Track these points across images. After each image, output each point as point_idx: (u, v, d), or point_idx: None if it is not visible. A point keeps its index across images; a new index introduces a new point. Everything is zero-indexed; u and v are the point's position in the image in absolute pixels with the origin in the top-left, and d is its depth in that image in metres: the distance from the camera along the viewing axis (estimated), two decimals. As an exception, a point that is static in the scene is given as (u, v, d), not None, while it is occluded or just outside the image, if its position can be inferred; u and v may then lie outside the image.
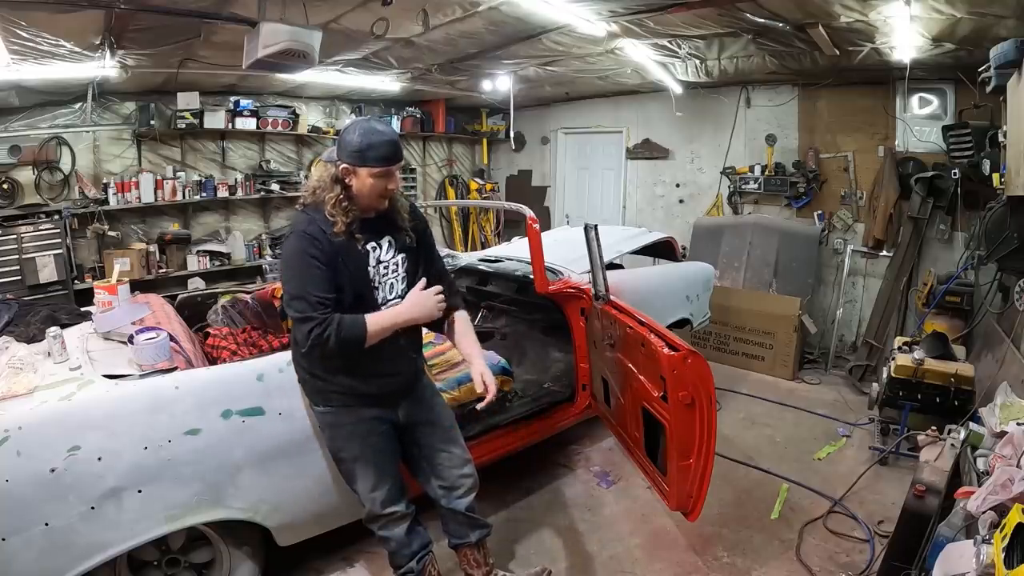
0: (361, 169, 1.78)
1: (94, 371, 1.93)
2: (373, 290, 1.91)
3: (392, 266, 1.95)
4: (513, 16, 3.56)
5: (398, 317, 1.86)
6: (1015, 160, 3.03)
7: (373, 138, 1.78)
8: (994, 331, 3.55)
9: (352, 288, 1.84)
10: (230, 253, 5.79)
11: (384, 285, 1.94)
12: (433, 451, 2.09)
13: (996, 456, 1.88)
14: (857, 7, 3.26)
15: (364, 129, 1.78)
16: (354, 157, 1.77)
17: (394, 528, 2.04)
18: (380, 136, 1.79)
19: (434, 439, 2.09)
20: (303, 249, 1.78)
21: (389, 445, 2.02)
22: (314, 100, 6.44)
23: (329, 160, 1.86)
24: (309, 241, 1.78)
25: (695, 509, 2.28)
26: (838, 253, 5.18)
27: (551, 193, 7.42)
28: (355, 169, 1.79)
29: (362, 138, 1.77)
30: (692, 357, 2.13)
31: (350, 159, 1.78)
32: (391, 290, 1.95)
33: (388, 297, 1.95)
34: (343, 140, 1.80)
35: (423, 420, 2.08)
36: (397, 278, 1.97)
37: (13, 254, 4.52)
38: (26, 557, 1.65)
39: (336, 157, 1.82)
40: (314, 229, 1.79)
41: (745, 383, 4.61)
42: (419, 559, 2.09)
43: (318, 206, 1.83)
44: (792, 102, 5.27)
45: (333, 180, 1.81)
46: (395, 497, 2.02)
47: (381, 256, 1.92)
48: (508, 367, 2.99)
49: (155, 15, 3.26)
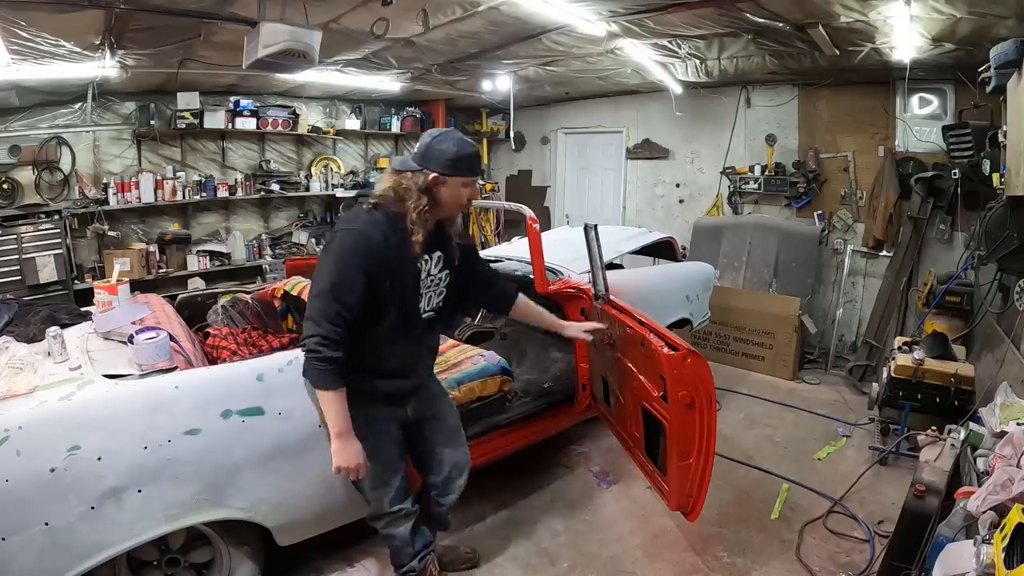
0: (453, 179, 1.79)
1: (94, 371, 1.93)
2: (418, 299, 1.90)
3: (436, 280, 1.96)
4: (513, 16, 3.55)
5: (335, 426, 1.78)
6: (1015, 160, 3.03)
7: (466, 148, 1.81)
8: (994, 331, 3.55)
9: (400, 296, 1.83)
10: (230, 253, 5.80)
11: (425, 296, 1.94)
12: (436, 448, 2.12)
13: (996, 456, 1.88)
14: (857, 7, 3.26)
15: (457, 139, 1.80)
16: (448, 166, 1.77)
17: (399, 526, 2.05)
18: (470, 147, 1.84)
19: (439, 436, 2.13)
20: (355, 251, 1.74)
21: (398, 444, 2.02)
22: (314, 100, 6.45)
23: (404, 168, 1.82)
24: (366, 245, 1.74)
25: (695, 509, 2.28)
26: (838, 253, 5.18)
27: (551, 193, 7.43)
28: (446, 179, 1.78)
29: (458, 148, 1.78)
30: (692, 357, 2.13)
31: (443, 168, 1.77)
32: (428, 302, 1.96)
33: (425, 308, 1.95)
34: (433, 150, 1.78)
35: (430, 416, 2.11)
36: (435, 292, 1.97)
37: (13, 254, 4.52)
38: (26, 557, 1.65)
39: (420, 166, 1.79)
40: (375, 233, 1.76)
41: (745, 383, 4.61)
42: (421, 558, 2.10)
43: (387, 210, 1.79)
44: (792, 102, 5.28)
45: (421, 190, 1.78)
46: (401, 496, 2.03)
47: (431, 269, 1.92)
48: (508, 367, 2.99)
49: (155, 15, 3.26)
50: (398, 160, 1.86)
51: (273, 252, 6.13)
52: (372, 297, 1.76)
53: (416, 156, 1.81)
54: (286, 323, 3.27)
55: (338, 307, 1.70)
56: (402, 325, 1.88)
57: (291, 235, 6.40)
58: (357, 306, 1.73)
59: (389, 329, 1.85)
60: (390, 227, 1.77)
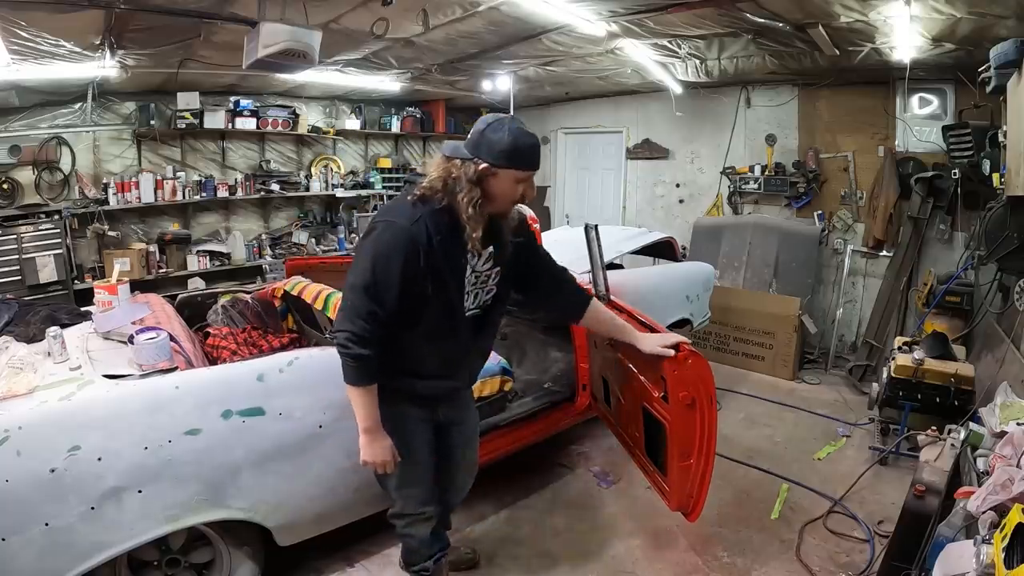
0: (506, 171, 1.64)
1: (94, 371, 1.93)
2: (462, 297, 1.78)
3: (484, 277, 1.82)
4: (513, 16, 3.56)
5: (363, 422, 1.72)
6: (1015, 160, 3.03)
7: (525, 140, 1.65)
8: (994, 331, 3.55)
9: (444, 296, 1.72)
10: (230, 253, 5.80)
11: (471, 294, 1.81)
12: (453, 450, 2.08)
13: (996, 456, 1.88)
14: (857, 7, 3.26)
15: (515, 130, 1.63)
16: (501, 157, 1.62)
17: (421, 527, 2.00)
18: (530, 138, 1.67)
19: (459, 440, 2.09)
20: (396, 248, 1.61)
21: (429, 444, 1.95)
22: (314, 100, 6.45)
23: (455, 155, 1.65)
24: (409, 241, 1.61)
25: (695, 509, 2.27)
26: (838, 253, 5.19)
27: (551, 193, 7.43)
28: (498, 171, 1.63)
29: (514, 139, 1.62)
30: (692, 357, 2.13)
31: (496, 159, 1.62)
32: (475, 300, 1.83)
33: (470, 307, 1.82)
34: (487, 139, 1.62)
35: (456, 420, 2.05)
36: (483, 289, 1.84)
37: (13, 254, 4.52)
38: (26, 557, 1.65)
39: (472, 154, 1.63)
40: (419, 229, 1.62)
41: (745, 383, 4.61)
42: (436, 559, 2.06)
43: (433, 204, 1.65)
44: (792, 102, 5.28)
45: (472, 180, 1.63)
46: (428, 498, 1.97)
47: (478, 266, 1.78)
48: (508, 367, 2.99)
49: (155, 15, 3.26)
50: (450, 146, 1.68)
51: (273, 252, 6.13)
52: (410, 298, 1.66)
53: (468, 143, 1.65)
54: (286, 323, 3.27)
55: (373, 306, 1.61)
56: (446, 326, 1.77)
57: (291, 235, 6.40)
58: (393, 306, 1.64)
59: (431, 329, 1.75)
60: (435, 222, 1.64)
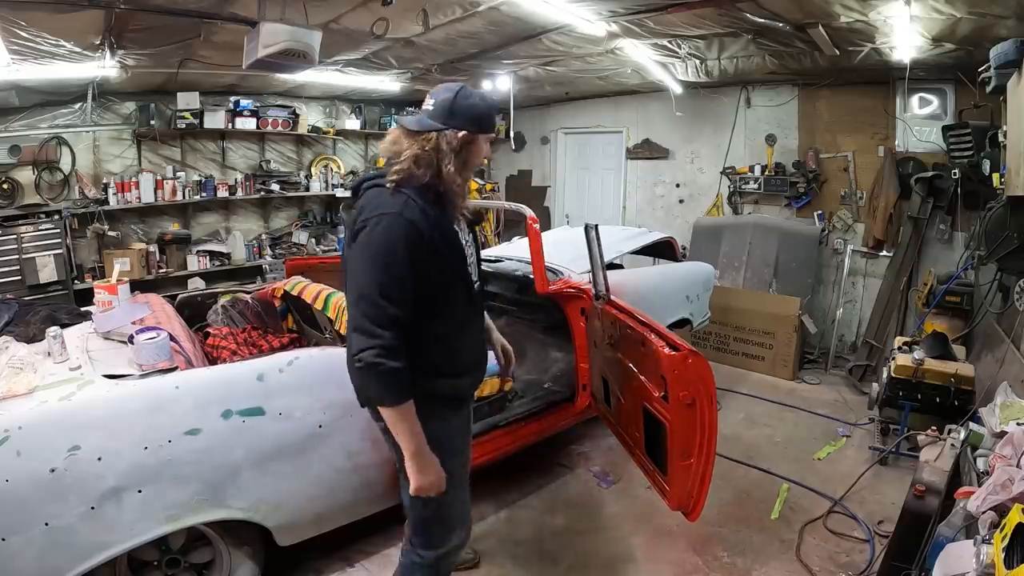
0: (481, 136, 1.60)
1: (94, 371, 1.93)
2: (468, 270, 1.69)
3: (470, 249, 1.74)
4: (513, 16, 3.56)
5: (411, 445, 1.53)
6: (1015, 160, 3.03)
7: (492, 104, 1.66)
8: (994, 331, 3.55)
9: (458, 273, 1.64)
10: (230, 253, 5.80)
11: (472, 267, 1.73)
12: None
13: (996, 456, 1.88)
14: (857, 7, 3.26)
15: (481, 95, 1.60)
16: (478, 123, 1.57)
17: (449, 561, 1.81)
18: (493, 102, 1.68)
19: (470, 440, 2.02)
20: (398, 238, 1.47)
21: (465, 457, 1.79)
22: (314, 100, 6.45)
23: (426, 129, 1.55)
24: (408, 229, 1.48)
25: (695, 509, 2.28)
26: (838, 253, 5.18)
27: (551, 193, 7.42)
28: (476, 136, 1.58)
29: (487, 105, 1.61)
30: (693, 357, 2.13)
31: (473, 125, 1.56)
32: (475, 272, 1.75)
33: (475, 278, 1.74)
34: (460, 106, 1.54)
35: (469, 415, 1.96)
36: (473, 262, 1.75)
37: (13, 254, 4.53)
38: (26, 557, 1.65)
39: (445, 124, 1.54)
40: (414, 213, 1.50)
41: (745, 383, 4.61)
42: None
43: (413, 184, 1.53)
44: (792, 102, 5.27)
45: (455, 149, 1.55)
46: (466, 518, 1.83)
47: (465, 236, 1.71)
48: (508, 367, 2.99)
49: (155, 15, 3.26)
50: (412, 120, 1.58)
51: (273, 252, 6.14)
52: (427, 287, 1.53)
53: (437, 114, 1.55)
54: (286, 323, 3.27)
55: (392, 310, 1.46)
56: (469, 305, 1.69)
57: (291, 235, 6.40)
58: (411, 303, 1.50)
59: (458, 314, 1.65)
60: (424, 201, 1.53)
